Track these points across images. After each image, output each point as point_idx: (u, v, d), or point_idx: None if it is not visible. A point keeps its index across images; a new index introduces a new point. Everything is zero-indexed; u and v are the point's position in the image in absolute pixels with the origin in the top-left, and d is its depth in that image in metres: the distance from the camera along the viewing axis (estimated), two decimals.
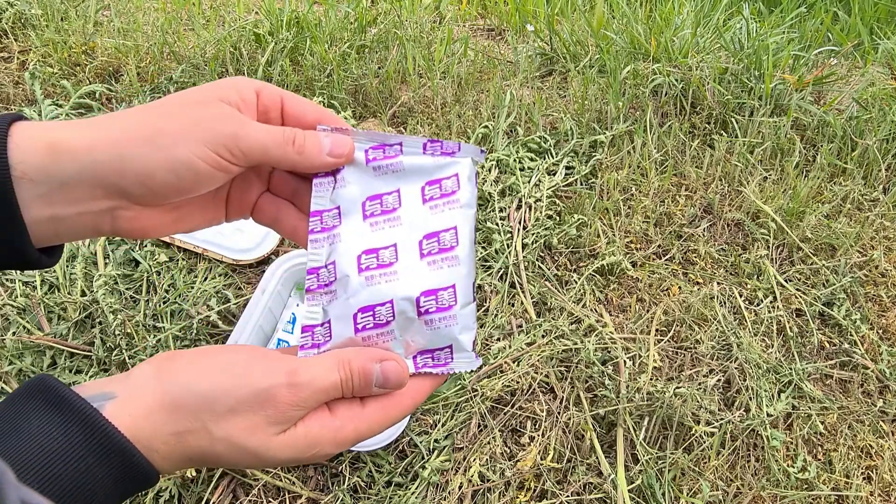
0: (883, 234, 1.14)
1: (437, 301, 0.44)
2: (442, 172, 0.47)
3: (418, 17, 1.53)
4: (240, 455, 0.40)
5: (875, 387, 0.97)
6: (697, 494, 0.84)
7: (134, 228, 0.42)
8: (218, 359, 0.40)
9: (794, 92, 1.30)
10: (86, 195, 0.39)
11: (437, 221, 0.46)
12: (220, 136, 0.40)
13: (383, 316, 0.44)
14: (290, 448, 0.40)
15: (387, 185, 0.47)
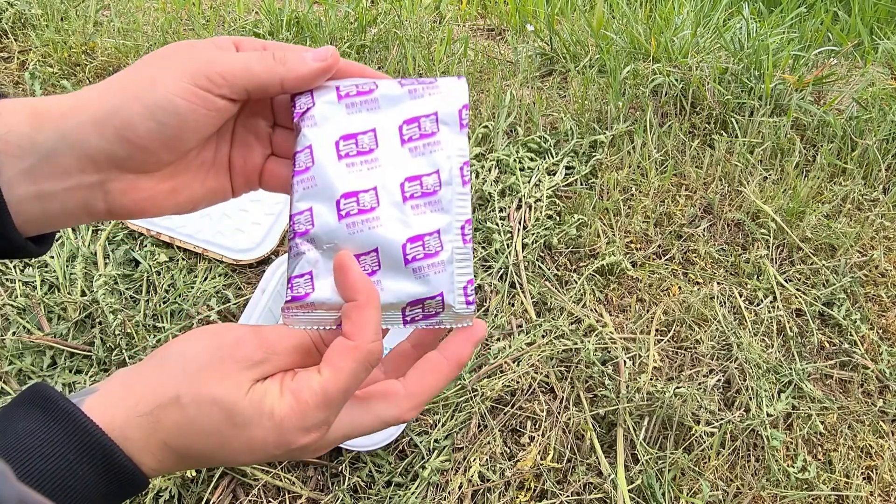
0: (883, 234, 1.14)
1: (423, 248, 0.41)
2: (421, 109, 0.43)
3: (418, 17, 1.53)
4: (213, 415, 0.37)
5: (875, 387, 0.97)
6: (697, 494, 0.84)
7: (127, 203, 0.39)
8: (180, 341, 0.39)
9: (794, 92, 1.30)
10: (72, 166, 0.37)
11: (418, 163, 0.42)
12: (196, 65, 0.37)
13: (368, 266, 0.41)
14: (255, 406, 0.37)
15: (362, 124, 0.43)
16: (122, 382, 0.38)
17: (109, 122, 0.36)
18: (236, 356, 0.38)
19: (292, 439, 0.38)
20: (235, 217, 1.11)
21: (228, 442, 0.38)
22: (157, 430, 0.37)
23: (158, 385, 0.37)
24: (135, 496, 0.39)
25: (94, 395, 0.37)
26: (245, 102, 0.41)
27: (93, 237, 1.09)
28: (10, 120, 0.36)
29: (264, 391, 0.38)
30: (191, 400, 0.37)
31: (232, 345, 0.38)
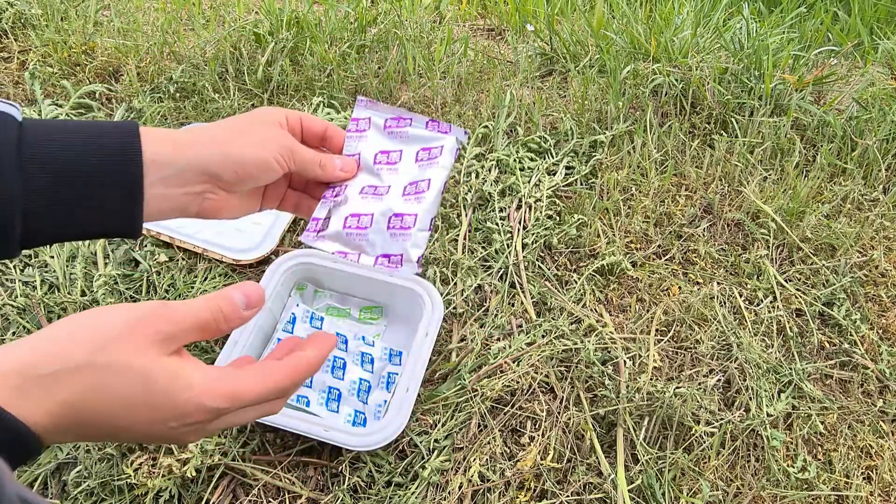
0: (883, 234, 1.14)
1: (401, 222, 0.62)
2: (433, 143, 0.67)
3: (418, 17, 1.53)
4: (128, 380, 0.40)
5: (875, 387, 0.97)
6: (697, 494, 0.84)
7: (212, 209, 0.56)
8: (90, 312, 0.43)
9: (794, 92, 1.30)
10: (192, 179, 0.54)
11: (420, 174, 0.66)
12: (285, 148, 0.58)
13: (364, 222, 0.62)
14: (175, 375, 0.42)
15: (394, 146, 0.68)
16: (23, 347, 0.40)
17: (230, 159, 0.55)
18: (148, 329, 0.42)
19: (193, 413, 0.43)
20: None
21: (135, 408, 0.41)
22: (59, 388, 0.39)
23: (66, 350, 0.40)
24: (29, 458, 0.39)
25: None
26: None
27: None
28: (158, 147, 0.52)
29: (179, 364, 0.43)
30: (105, 363, 0.40)
31: (142, 318, 0.42)
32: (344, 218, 0.63)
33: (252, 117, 0.59)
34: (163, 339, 0.42)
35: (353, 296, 1.01)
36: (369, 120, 0.68)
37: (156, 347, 0.42)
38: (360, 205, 0.64)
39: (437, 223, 1.11)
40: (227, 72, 1.35)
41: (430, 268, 1.04)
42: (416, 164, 0.67)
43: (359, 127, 0.68)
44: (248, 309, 0.48)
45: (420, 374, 0.87)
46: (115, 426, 0.41)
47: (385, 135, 0.68)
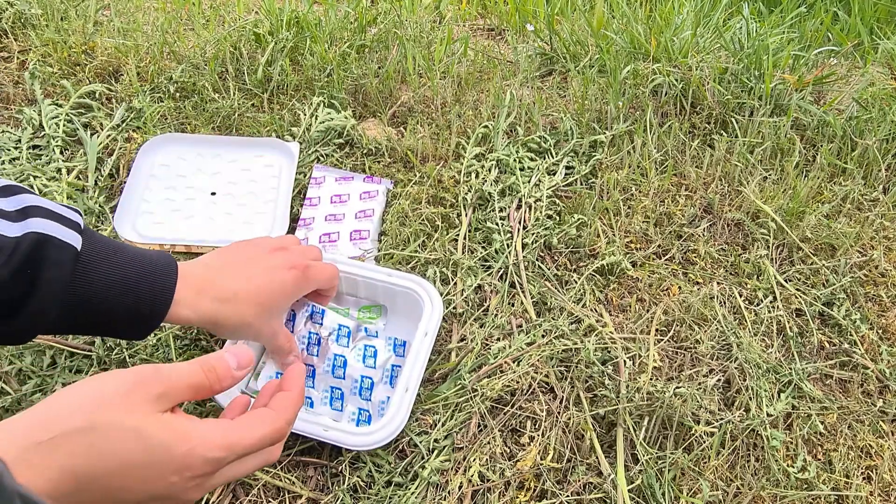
0: (883, 234, 1.14)
1: (359, 235, 1.04)
2: (371, 188, 1.11)
3: (418, 17, 1.53)
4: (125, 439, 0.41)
5: (875, 387, 0.97)
6: (697, 494, 0.84)
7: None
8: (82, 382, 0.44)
9: (794, 92, 1.30)
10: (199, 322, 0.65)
11: (364, 206, 1.08)
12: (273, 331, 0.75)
13: (333, 237, 1.04)
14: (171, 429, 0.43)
15: (343, 191, 1.10)
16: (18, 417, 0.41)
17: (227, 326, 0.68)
18: (142, 390, 0.43)
19: (193, 464, 0.43)
20: (237, 214, 1.12)
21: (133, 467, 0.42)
22: (57, 454, 0.39)
23: (62, 417, 0.40)
24: None
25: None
26: None
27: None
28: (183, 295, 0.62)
29: (172, 419, 0.44)
30: (102, 424, 0.41)
31: (137, 381, 0.43)
32: (318, 236, 1.05)
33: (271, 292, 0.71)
34: (156, 397, 0.43)
35: (352, 295, 1.01)
36: (324, 177, 1.12)
37: (149, 405, 0.43)
38: (326, 227, 1.06)
39: (436, 223, 1.11)
40: (227, 71, 1.35)
41: (430, 268, 1.04)
42: (360, 201, 1.08)
43: (317, 181, 1.11)
44: (239, 369, 0.49)
45: (419, 373, 0.87)
46: (114, 488, 0.41)
47: (336, 185, 1.10)
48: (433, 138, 1.24)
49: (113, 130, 1.24)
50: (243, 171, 1.16)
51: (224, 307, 0.65)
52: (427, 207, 1.12)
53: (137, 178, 1.14)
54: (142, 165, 1.16)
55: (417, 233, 1.08)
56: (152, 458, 0.42)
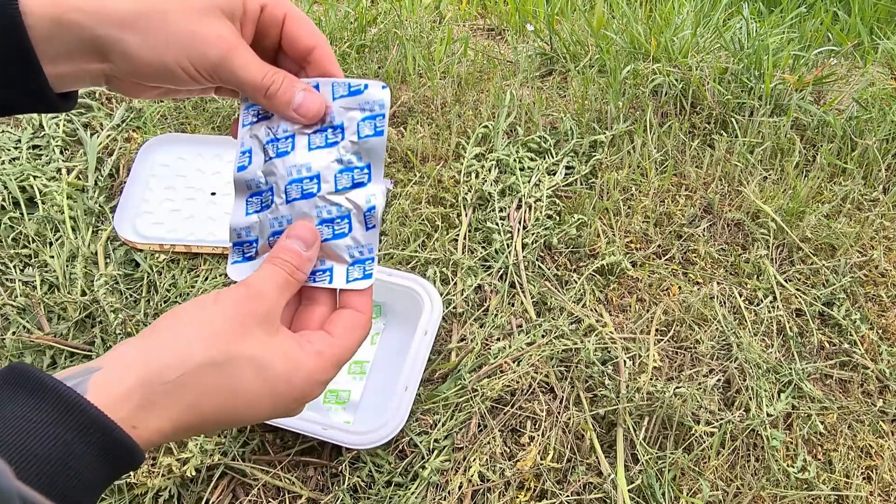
0: (883, 234, 1.14)
1: None
2: None
3: (418, 17, 1.53)
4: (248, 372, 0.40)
5: (875, 387, 0.97)
6: (697, 494, 0.84)
7: (126, 91, 0.46)
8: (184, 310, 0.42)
9: (794, 92, 1.30)
10: (85, 61, 0.43)
11: None
12: (205, 58, 0.42)
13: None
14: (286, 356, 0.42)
15: None
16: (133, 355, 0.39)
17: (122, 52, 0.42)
18: (250, 312, 0.41)
19: (311, 391, 0.44)
20: None
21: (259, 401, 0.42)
22: (185, 393, 0.39)
23: (182, 353, 0.39)
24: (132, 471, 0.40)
25: (98, 373, 0.38)
26: None
27: (93, 237, 1.09)
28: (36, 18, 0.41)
29: (288, 345, 0.43)
30: (225, 360, 0.40)
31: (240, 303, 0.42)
32: None
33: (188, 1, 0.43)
34: (265, 317, 0.42)
35: None
36: None
37: (263, 329, 0.42)
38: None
39: (436, 223, 1.11)
40: None
41: (430, 268, 1.04)
42: None
43: None
44: (308, 249, 0.45)
45: (419, 373, 0.87)
46: (238, 418, 0.42)
47: None
48: (433, 138, 1.24)
49: (113, 130, 1.24)
50: None
51: None
52: (427, 207, 1.12)
53: (137, 178, 1.14)
54: (142, 165, 1.16)
55: (417, 233, 1.08)
56: (274, 389, 0.42)
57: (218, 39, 0.42)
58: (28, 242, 1.07)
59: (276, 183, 0.47)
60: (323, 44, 0.47)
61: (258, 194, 0.48)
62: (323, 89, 0.47)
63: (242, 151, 0.49)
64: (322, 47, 0.47)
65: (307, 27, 0.46)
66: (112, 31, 0.42)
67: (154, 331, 0.41)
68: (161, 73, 0.43)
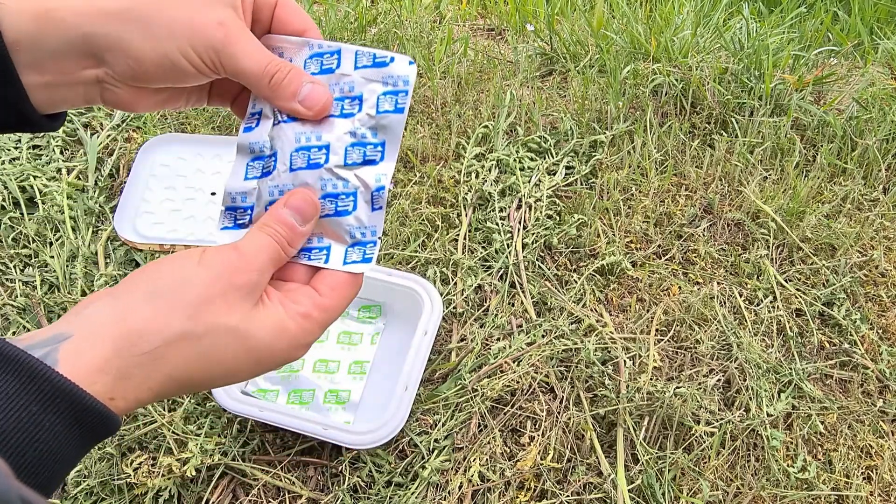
0: (883, 234, 1.14)
1: None
2: None
3: (418, 17, 1.53)
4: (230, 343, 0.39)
5: (875, 387, 0.97)
6: (697, 494, 0.84)
7: (121, 102, 0.43)
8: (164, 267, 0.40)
9: (794, 92, 1.30)
10: (76, 65, 0.40)
11: None
12: (208, 44, 0.40)
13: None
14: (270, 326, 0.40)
15: None
16: (106, 318, 0.37)
17: (118, 47, 0.39)
18: (235, 283, 0.39)
19: (295, 353, 0.42)
20: None
21: (239, 368, 0.40)
22: (162, 365, 0.37)
23: (160, 320, 0.37)
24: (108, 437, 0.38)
25: (69, 342, 0.36)
26: None
27: (93, 237, 1.09)
28: (14, 17, 0.37)
29: (272, 314, 0.41)
30: (205, 331, 0.38)
31: (226, 273, 0.40)
32: None
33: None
34: (250, 290, 0.40)
35: None
36: None
37: (246, 301, 0.40)
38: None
39: (436, 223, 1.11)
40: None
41: (430, 268, 1.04)
42: None
43: None
44: (305, 224, 0.43)
45: (419, 373, 0.87)
46: (218, 383, 0.41)
47: None
48: (433, 138, 1.24)
49: (113, 130, 1.24)
50: None
51: None
52: (427, 207, 1.12)
53: (137, 178, 1.14)
54: (142, 165, 1.16)
55: (417, 233, 1.08)
56: (257, 357, 0.40)
57: (219, 25, 0.40)
58: (28, 242, 1.07)
59: (282, 148, 0.44)
60: (312, 28, 0.46)
61: (260, 159, 0.45)
62: (345, 56, 0.44)
63: (252, 113, 0.46)
64: (312, 31, 0.46)
65: (297, 11, 0.45)
66: (105, 26, 0.38)
67: (129, 288, 0.38)
68: (163, 67, 0.40)
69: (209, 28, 0.40)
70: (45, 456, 0.33)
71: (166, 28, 0.39)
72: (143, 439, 0.87)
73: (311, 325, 0.42)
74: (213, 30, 0.40)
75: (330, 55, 0.44)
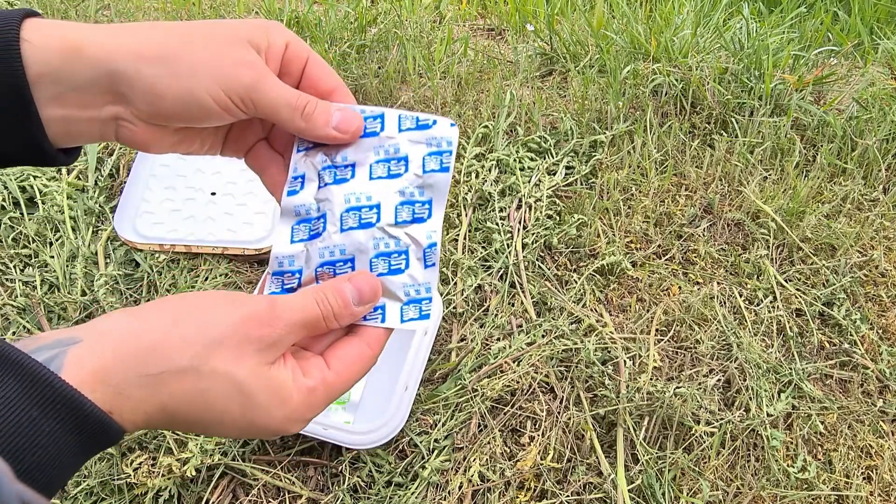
0: (883, 234, 1.14)
1: None
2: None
3: (418, 17, 1.53)
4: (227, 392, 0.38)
5: (875, 387, 0.97)
6: (697, 494, 0.84)
7: (136, 141, 0.43)
8: (193, 300, 0.39)
9: (794, 92, 1.30)
10: (97, 101, 0.40)
11: None
12: (237, 82, 0.40)
13: None
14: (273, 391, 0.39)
15: None
16: (119, 333, 0.37)
17: (142, 86, 0.39)
18: (253, 335, 0.38)
19: (291, 427, 0.40)
20: (237, 214, 1.12)
21: (231, 421, 0.39)
22: (160, 391, 0.37)
23: (170, 349, 0.37)
24: (110, 447, 0.37)
25: (77, 346, 0.35)
26: None
27: (93, 237, 1.09)
28: (42, 49, 0.38)
29: (279, 379, 0.39)
30: (209, 371, 0.37)
31: (250, 320, 0.39)
32: None
33: (215, 30, 0.41)
34: (268, 346, 0.39)
35: None
36: None
37: (259, 356, 0.38)
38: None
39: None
40: None
41: None
42: None
43: None
44: (360, 304, 0.42)
45: (419, 373, 0.87)
46: (207, 430, 0.40)
47: None
48: None
49: None
50: (243, 170, 1.16)
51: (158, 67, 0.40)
52: None
53: (137, 178, 1.14)
54: (142, 165, 1.16)
55: None
56: (251, 419, 0.39)
57: (248, 65, 0.41)
58: (28, 242, 1.07)
59: (331, 210, 0.44)
60: (342, 87, 0.46)
61: (306, 221, 0.45)
62: (388, 119, 0.46)
63: (294, 177, 0.46)
64: (341, 89, 0.46)
65: (328, 70, 0.46)
66: (132, 63, 0.39)
67: (153, 309, 0.38)
68: (189, 106, 0.40)
69: (238, 68, 0.40)
70: (44, 461, 0.33)
71: (192, 67, 0.40)
72: (143, 439, 0.87)
73: (315, 400, 0.40)
74: (242, 69, 0.40)
75: (374, 119, 0.46)
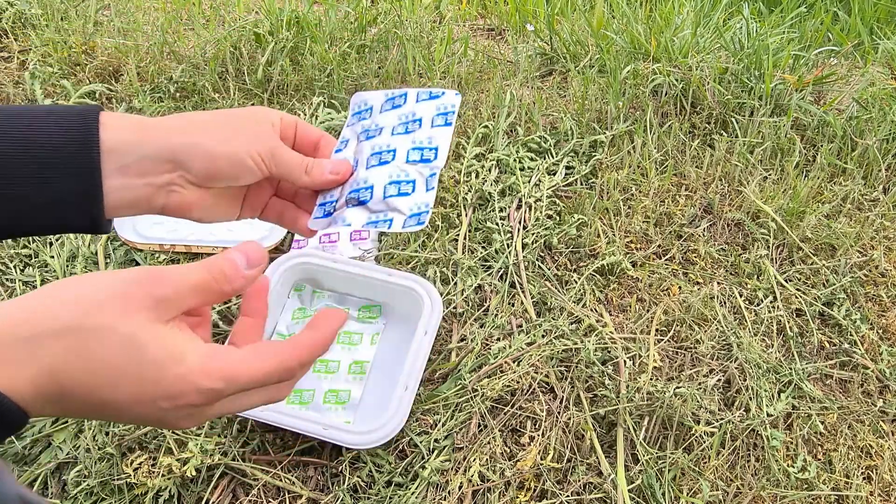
0: (883, 234, 1.14)
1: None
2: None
3: (418, 17, 1.53)
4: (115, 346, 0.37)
5: (875, 387, 0.97)
6: (697, 494, 0.84)
7: (183, 202, 0.51)
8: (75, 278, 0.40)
9: (794, 92, 1.30)
10: (157, 168, 0.49)
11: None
12: (265, 148, 0.53)
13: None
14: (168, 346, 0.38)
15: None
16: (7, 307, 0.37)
17: (200, 151, 0.50)
18: (140, 291, 0.38)
19: (185, 394, 0.38)
20: None
21: (122, 379, 0.37)
22: (39, 353, 0.36)
23: (50, 312, 0.37)
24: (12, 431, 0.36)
25: None
26: None
27: (93, 237, 1.09)
28: (117, 128, 0.48)
29: (170, 333, 0.39)
30: (91, 327, 0.37)
31: (134, 280, 0.39)
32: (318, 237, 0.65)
33: (241, 113, 0.55)
34: (156, 302, 0.38)
35: (352, 295, 1.01)
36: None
37: (148, 311, 0.38)
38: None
39: (436, 223, 1.11)
40: (227, 71, 1.35)
41: (430, 268, 1.04)
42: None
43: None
44: (250, 267, 0.43)
45: (419, 373, 0.87)
46: (100, 400, 0.38)
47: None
48: None
49: None
50: None
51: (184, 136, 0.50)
52: None
53: None
54: None
55: (418, 233, 1.08)
56: (142, 373, 0.37)
57: (269, 135, 0.54)
58: (28, 242, 1.07)
59: (360, 156, 0.59)
60: (325, 134, 0.60)
61: None
62: (410, 95, 0.62)
63: (341, 140, 0.61)
64: (325, 136, 0.59)
65: (312, 126, 0.59)
66: (190, 137, 0.50)
67: (35, 291, 0.38)
68: (233, 163, 0.52)
69: (264, 137, 0.54)
70: None
71: (236, 136, 0.52)
72: (143, 439, 0.87)
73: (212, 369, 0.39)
74: (267, 138, 0.54)
75: (399, 97, 0.62)
